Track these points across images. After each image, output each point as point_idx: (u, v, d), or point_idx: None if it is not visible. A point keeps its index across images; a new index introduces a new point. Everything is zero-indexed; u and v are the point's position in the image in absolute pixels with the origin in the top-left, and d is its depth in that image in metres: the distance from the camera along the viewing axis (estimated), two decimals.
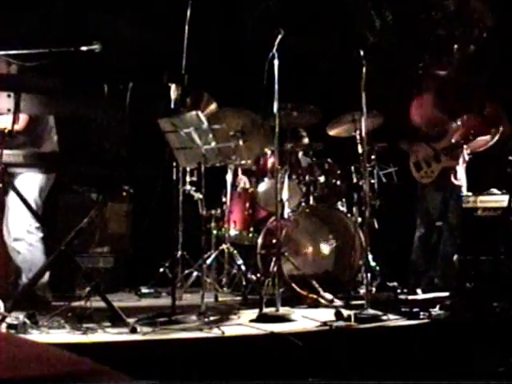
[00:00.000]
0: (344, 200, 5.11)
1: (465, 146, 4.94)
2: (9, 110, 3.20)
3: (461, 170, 4.99)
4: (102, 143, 3.46)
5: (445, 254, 4.96)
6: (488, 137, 4.90)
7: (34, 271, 3.73)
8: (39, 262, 3.81)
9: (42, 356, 1.25)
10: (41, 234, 3.89)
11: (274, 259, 4.16)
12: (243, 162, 4.96)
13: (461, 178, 4.98)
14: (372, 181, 4.99)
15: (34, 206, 3.73)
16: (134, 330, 3.13)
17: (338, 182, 5.09)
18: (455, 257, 4.75)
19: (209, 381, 2.60)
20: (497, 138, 4.89)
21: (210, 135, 3.66)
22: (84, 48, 3.62)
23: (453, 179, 4.95)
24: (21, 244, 3.88)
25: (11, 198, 3.82)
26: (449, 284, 4.75)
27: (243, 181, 5.18)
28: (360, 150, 4.51)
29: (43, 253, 3.89)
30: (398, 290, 4.65)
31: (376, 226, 4.96)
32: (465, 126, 4.99)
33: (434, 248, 5.11)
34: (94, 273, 4.74)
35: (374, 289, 4.68)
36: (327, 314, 3.70)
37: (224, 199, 5.03)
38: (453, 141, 4.96)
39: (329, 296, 4.25)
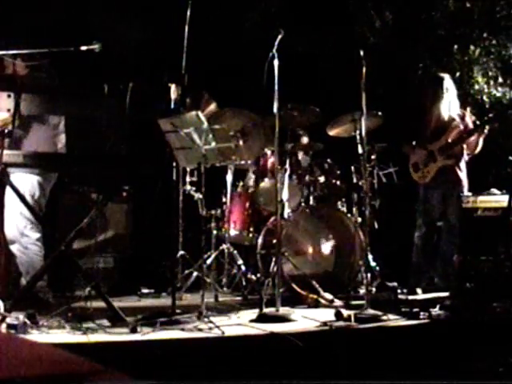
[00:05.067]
0: (344, 200, 5.11)
1: (464, 146, 4.95)
2: (9, 110, 3.20)
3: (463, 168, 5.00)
4: (102, 143, 3.45)
5: (444, 254, 4.96)
6: (474, 137, 4.90)
7: (31, 273, 3.73)
8: (36, 264, 3.80)
9: (42, 356, 1.25)
10: (37, 235, 3.88)
11: (273, 259, 4.16)
12: (243, 162, 4.95)
13: (461, 177, 4.99)
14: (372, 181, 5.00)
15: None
16: (134, 330, 3.13)
17: (338, 182, 5.10)
18: (455, 256, 4.75)
19: (209, 381, 2.60)
20: (482, 138, 4.89)
21: (210, 135, 3.66)
22: (84, 48, 3.62)
23: (453, 179, 4.95)
24: (15, 247, 3.87)
25: (6, 200, 3.82)
26: (449, 284, 4.75)
27: (252, 179, 5.16)
28: (360, 150, 4.51)
29: (39, 254, 3.88)
30: (398, 290, 4.65)
31: (376, 225, 4.97)
32: (462, 125, 5.00)
33: (435, 248, 5.11)
34: (94, 273, 4.74)
35: (373, 289, 4.68)
36: (327, 314, 3.70)
37: (224, 199, 5.03)
38: (449, 140, 4.97)
39: (329, 296, 4.25)
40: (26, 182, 3.84)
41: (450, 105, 5.04)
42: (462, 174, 4.99)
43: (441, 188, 5.02)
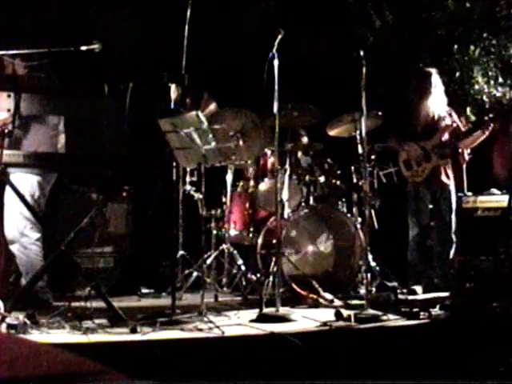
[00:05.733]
0: (344, 200, 5.11)
1: (459, 145, 4.95)
2: (9, 110, 3.20)
3: (451, 168, 5.01)
4: (102, 143, 3.45)
5: (440, 253, 4.96)
6: (479, 132, 4.88)
7: (31, 273, 3.72)
8: (36, 264, 3.80)
9: (42, 356, 1.25)
10: (37, 235, 3.87)
11: (273, 259, 4.16)
12: (243, 162, 4.95)
13: (451, 176, 4.99)
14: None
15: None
16: (133, 330, 3.13)
17: (338, 182, 5.10)
18: (451, 255, 4.76)
19: (209, 381, 2.60)
20: (487, 133, 4.87)
21: (210, 135, 3.66)
22: (84, 48, 3.62)
23: (444, 178, 4.96)
24: (15, 247, 3.87)
25: (6, 200, 3.82)
26: (449, 284, 4.75)
27: (250, 173, 5.17)
28: (360, 150, 4.51)
29: (39, 254, 3.87)
30: (398, 290, 4.65)
31: (376, 225, 4.97)
32: (455, 125, 4.99)
33: (430, 248, 5.11)
34: (94, 273, 4.74)
35: (373, 289, 4.68)
36: (327, 314, 3.70)
37: (224, 199, 5.03)
38: (443, 139, 4.97)
39: (329, 296, 4.25)
40: (26, 182, 3.83)
41: (438, 100, 5.04)
42: (451, 173, 5.00)
43: (431, 187, 5.01)
